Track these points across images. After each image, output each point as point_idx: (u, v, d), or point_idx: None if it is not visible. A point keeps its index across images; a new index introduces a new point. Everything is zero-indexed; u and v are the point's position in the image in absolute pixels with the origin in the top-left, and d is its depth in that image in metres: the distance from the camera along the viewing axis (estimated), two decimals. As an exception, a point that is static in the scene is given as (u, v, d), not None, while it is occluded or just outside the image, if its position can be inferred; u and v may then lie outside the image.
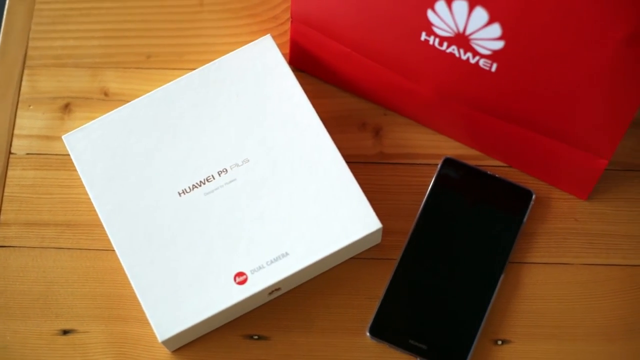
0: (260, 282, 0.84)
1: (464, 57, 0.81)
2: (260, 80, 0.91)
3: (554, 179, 0.91)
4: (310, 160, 0.88)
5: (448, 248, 0.89)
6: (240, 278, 0.84)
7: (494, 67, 0.81)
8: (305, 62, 0.96)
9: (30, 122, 0.96)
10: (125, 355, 0.87)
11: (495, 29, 0.77)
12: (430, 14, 0.79)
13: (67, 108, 0.96)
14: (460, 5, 0.76)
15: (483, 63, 0.81)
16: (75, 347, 0.88)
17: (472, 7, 0.76)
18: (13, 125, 0.96)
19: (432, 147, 0.94)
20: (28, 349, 0.88)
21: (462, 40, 0.80)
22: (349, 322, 0.88)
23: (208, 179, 0.88)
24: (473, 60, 0.81)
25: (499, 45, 0.78)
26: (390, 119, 0.95)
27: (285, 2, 1.00)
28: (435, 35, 0.81)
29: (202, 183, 0.87)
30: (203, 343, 0.87)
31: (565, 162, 0.88)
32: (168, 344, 0.84)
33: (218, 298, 0.84)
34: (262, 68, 0.91)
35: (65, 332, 0.88)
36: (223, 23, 1.00)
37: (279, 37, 0.98)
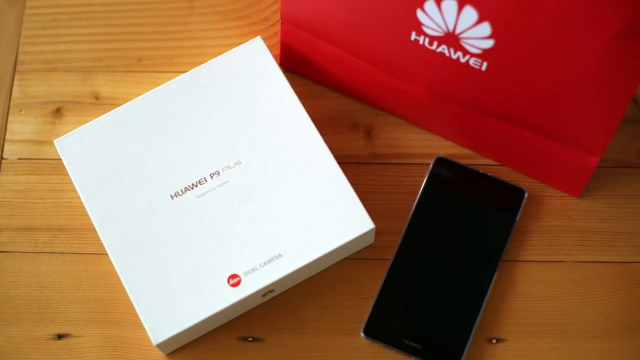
0: (254, 283, 0.84)
1: (454, 56, 0.81)
2: (251, 82, 0.91)
3: (546, 177, 0.91)
4: (302, 162, 0.88)
5: (441, 247, 0.89)
6: (234, 280, 0.84)
7: (485, 66, 0.81)
8: (296, 63, 0.96)
9: (22, 127, 0.96)
10: (120, 359, 0.87)
11: (485, 28, 0.77)
12: (420, 14, 0.79)
13: (58, 112, 0.96)
14: (450, 5, 0.76)
15: (473, 62, 0.81)
16: (70, 351, 0.87)
17: (461, 6, 0.76)
18: (4, 131, 0.96)
19: (423, 146, 0.94)
20: (23, 354, 0.87)
21: (452, 40, 0.80)
22: (343, 322, 0.88)
23: (200, 182, 0.87)
24: (463, 60, 0.81)
25: (489, 44, 0.78)
26: (382, 119, 0.95)
27: (276, 3, 1.00)
28: (425, 35, 0.81)
29: (194, 186, 0.87)
30: (197, 346, 0.87)
31: (557, 159, 0.88)
32: (162, 347, 0.84)
33: (212, 300, 0.84)
34: (252, 70, 0.91)
35: (60, 336, 0.88)
36: (213, 25, 1.00)
37: (270, 38, 0.98)
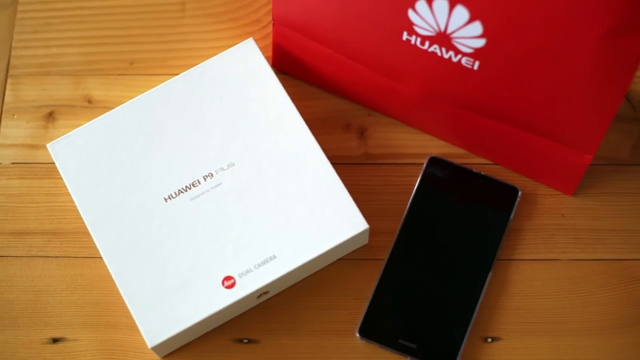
0: (249, 285, 0.84)
1: (446, 55, 0.81)
2: (244, 84, 0.91)
3: (540, 176, 0.91)
4: (296, 163, 0.88)
5: (435, 247, 0.89)
6: (229, 282, 0.84)
7: (476, 65, 0.81)
8: (288, 64, 0.96)
9: (15, 131, 0.96)
10: (116, 362, 0.87)
11: (477, 27, 0.77)
12: (411, 14, 0.79)
13: (51, 116, 0.96)
14: (441, 4, 0.76)
15: (465, 61, 0.81)
16: (65, 355, 0.87)
17: (452, 5, 0.76)
18: (-3, 135, 0.96)
19: (417, 146, 0.94)
20: (18, 359, 0.87)
21: (443, 39, 0.80)
22: (338, 323, 0.88)
23: (194, 184, 0.87)
24: (455, 59, 0.81)
25: (481, 43, 0.78)
26: (375, 119, 0.95)
27: (267, 5, 1.00)
28: (417, 35, 0.81)
29: (188, 188, 0.87)
30: (193, 348, 0.87)
31: (551, 158, 0.88)
32: (158, 350, 0.84)
33: (207, 302, 0.83)
34: (245, 71, 0.91)
35: (55, 340, 0.88)
36: (205, 27, 0.99)
37: (262, 40, 0.98)
